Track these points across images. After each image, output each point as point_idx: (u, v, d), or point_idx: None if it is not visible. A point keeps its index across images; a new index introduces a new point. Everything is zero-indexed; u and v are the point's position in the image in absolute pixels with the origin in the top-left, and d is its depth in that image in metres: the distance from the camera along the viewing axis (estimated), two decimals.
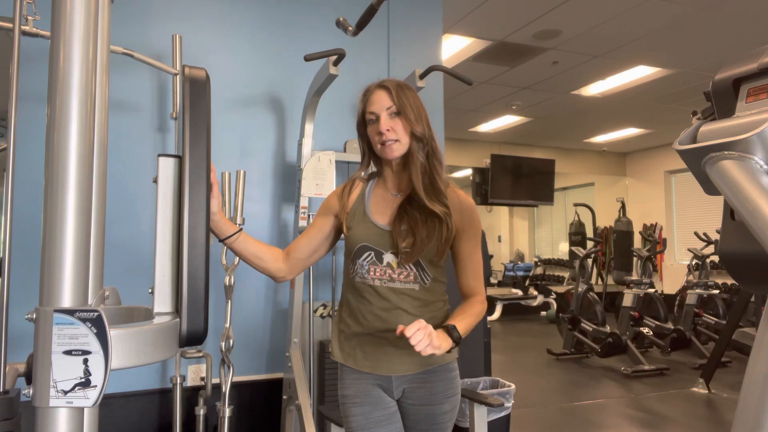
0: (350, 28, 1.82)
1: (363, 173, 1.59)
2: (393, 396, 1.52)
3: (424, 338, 1.26)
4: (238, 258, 2.72)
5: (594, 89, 6.71)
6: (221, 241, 1.41)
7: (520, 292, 9.92)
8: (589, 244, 7.60)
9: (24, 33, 2.05)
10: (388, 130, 1.44)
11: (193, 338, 1.04)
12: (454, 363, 1.55)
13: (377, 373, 1.49)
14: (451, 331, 1.37)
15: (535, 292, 9.92)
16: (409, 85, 1.52)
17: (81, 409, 0.88)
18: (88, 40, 0.92)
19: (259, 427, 3.06)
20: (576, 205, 9.13)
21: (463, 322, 1.42)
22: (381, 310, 1.46)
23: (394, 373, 1.48)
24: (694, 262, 7.15)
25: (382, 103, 1.46)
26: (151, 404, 2.85)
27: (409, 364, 1.48)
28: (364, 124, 1.51)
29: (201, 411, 2.73)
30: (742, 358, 5.87)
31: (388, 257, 1.46)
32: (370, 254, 1.48)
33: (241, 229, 1.43)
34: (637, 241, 9.19)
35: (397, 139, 1.45)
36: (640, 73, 6.11)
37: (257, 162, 3.19)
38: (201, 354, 2.77)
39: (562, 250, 12.10)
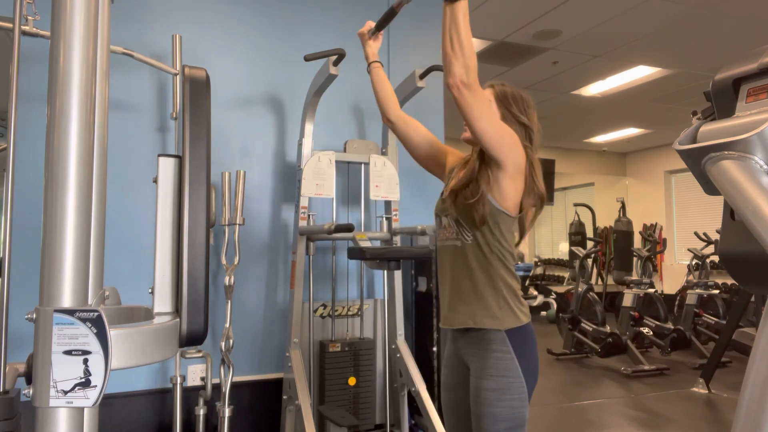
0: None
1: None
2: (465, 364, 1.66)
3: None
4: (238, 258, 2.72)
5: (594, 89, 6.70)
6: (370, 64, 1.93)
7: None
8: (589, 244, 7.60)
9: (24, 33, 2.05)
10: None
11: (193, 338, 1.04)
12: (504, 344, 1.56)
13: (443, 326, 1.70)
14: None
15: (535, 292, 9.91)
16: (516, 97, 1.67)
17: (81, 409, 0.88)
18: (88, 40, 0.92)
19: (259, 427, 3.06)
20: (576, 205, 9.13)
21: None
22: (442, 268, 1.70)
23: (451, 326, 1.67)
24: (694, 262, 7.15)
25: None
26: (151, 404, 2.85)
27: (451, 319, 1.65)
28: None
29: (201, 411, 2.73)
30: (742, 358, 5.87)
31: (445, 220, 1.69)
32: (438, 219, 1.74)
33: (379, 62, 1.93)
34: (637, 241, 9.18)
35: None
36: (640, 73, 6.11)
37: (257, 162, 3.19)
38: (201, 354, 2.77)
39: (562, 250, 12.09)
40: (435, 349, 3.15)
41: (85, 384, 0.86)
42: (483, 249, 1.59)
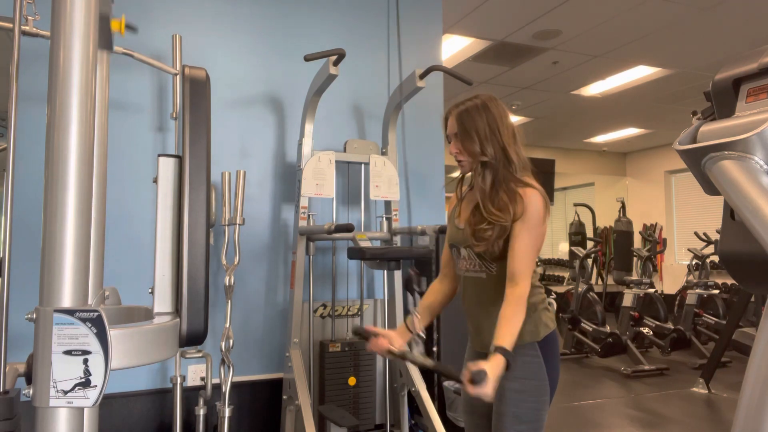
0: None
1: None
2: None
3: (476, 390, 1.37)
4: (238, 258, 2.72)
5: (594, 89, 6.70)
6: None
7: None
8: (589, 244, 7.59)
9: (24, 33, 2.05)
10: (456, 151, 1.66)
11: (193, 338, 1.04)
12: (533, 348, 1.61)
13: (476, 348, 1.73)
14: (500, 355, 1.44)
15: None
16: (479, 107, 1.63)
17: (81, 409, 0.88)
18: (88, 40, 0.92)
19: (259, 427, 3.06)
20: (576, 205, 9.12)
21: (502, 337, 1.47)
22: (467, 296, 1.72)
23: (480, 349, 1.68)
24: (694, 262, 7.14)
25: (451, 127, 1.68)
26: (151, 404, 2.85)
27: (488, 343, 1.62)
28: None
29: (201, 411, 2.73)
30: (742, 358, 5.86)
31: (464, 251, 1.68)
32: (455, 249, 1.73)
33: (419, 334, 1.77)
34: (637, 241, 9.18)
35: (464, 159, 1.66)
36: (640, 73, 6.11)
37: (257, 162, 3.19)
38: (201, 354, 2.77)
39: (562, 250, 12.09)
40: (435, 349, 3.15)
41: (85, 384, 0.86)
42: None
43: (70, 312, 0.86)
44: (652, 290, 6.33)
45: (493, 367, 1.40)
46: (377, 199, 3.03)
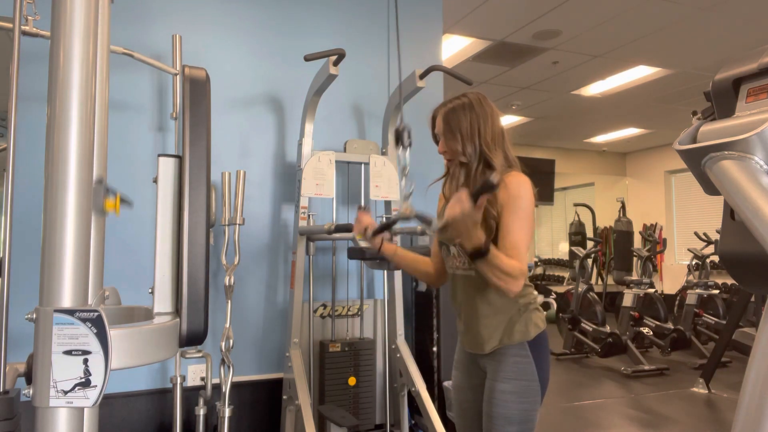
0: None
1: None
2: (481, 368, 1.68)
3: (456, 206, 1.35)
4: (238, 258, 2.72)
5: (594, 89, 6.70)
6: (381, 254, 1.81)
7: None
8: (589, 244, 7.59)
9: (24, 33, 2.05)
10: (443, 151, 1.69)
11: (193, 338, 1.04)
12: (523, 348, 1.59)
13: (465, 348, 1.72)
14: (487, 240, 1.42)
15: (535, 292, 9.87)
16: (465, 106, 1.63)
17: (81, 409, 0.88)
18: (88, 40, 0.92)
19: (259, 427, 3.06)
20: (576, 205, 9.12)
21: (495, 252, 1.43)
22: (457, 294, 1.71)
23: (472, 350, 1.68)
24: (694, 262, 7.14)
25: (438, 126, 1.70)
26: (151, 404, 2.85)
27: (481, 344, 1.64)
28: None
29: (201, 411, 2.73)
30: (742, 358, 5.86)
31: (453, 249, 1.68)
32: (444, 247, 1.73)
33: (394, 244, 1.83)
34: (637, 241, 9.18)
35: (452, 158, 1.67)
36: (640, 73, 6.11)
37: (257, 162, 3.19)
38: (201, 354, 2.77)
39: (562, 250, 12.08)
40: (435, 349, 3.15)
41: (85, 384, 0.86)
42: None
43: (70, 312, 0.86)
44: (652, 290, 6.33)
45: (473, 228, 1.37)
46: (377, 199, 3.03)
